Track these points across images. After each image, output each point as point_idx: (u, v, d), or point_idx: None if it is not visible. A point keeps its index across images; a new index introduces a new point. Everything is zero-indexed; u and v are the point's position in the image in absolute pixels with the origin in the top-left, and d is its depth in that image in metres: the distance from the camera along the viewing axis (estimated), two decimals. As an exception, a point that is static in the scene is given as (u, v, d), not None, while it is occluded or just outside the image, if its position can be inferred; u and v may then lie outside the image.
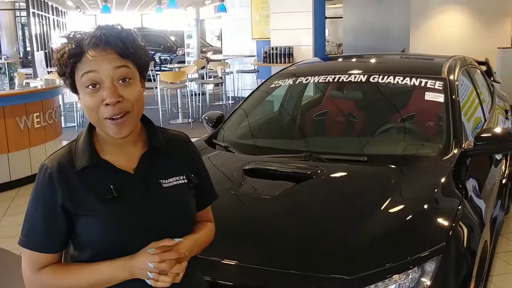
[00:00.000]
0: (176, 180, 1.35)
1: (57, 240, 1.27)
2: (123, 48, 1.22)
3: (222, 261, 1.99)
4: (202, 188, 1.45)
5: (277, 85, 3.48)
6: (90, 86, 1.21)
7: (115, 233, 1.25)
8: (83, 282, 1.25)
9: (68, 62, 1.21)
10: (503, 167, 3.95)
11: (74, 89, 1.26)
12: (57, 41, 21.02)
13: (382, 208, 2.20)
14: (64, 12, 25.70)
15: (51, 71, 12.54)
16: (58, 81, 7.27)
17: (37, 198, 1.27)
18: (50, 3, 20.41)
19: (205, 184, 1.48)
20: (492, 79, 4.64)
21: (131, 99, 1.23)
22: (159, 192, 1.31)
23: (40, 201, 1.26)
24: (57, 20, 23.43)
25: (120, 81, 1.22)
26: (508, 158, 4.25)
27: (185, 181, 1.37)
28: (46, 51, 18.87)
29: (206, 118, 3.53)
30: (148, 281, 1.22)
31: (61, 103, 7.39)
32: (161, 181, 1.32)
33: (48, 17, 20.32)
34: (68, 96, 10.51)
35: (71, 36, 1.23)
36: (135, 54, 1.25)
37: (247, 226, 2.23)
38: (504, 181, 3.97)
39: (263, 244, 2.11)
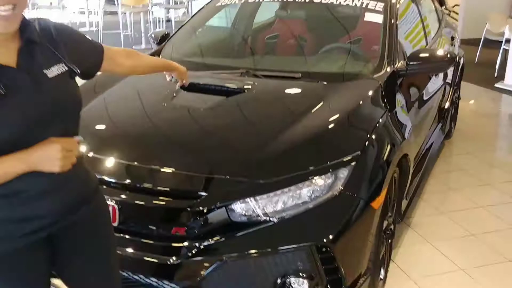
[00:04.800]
0: (57, 69, 1.36)
1: None
2: None
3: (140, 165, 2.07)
4: (89, 52, 1.52)
5: (223, 3, 3.47)
6: None
7: (9, 129, 1.25)
8: None
9: None
10: (447, 93, 4.06)
11: None
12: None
13: (304, 118, 2.28)
14: None
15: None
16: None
17: None
18: None
19: (89, 48, 1.53)
20: (444, 7, 4.68)
21: None
22: (47, 83, 1.32)
23: None
24: None
25: None
26: (454, 85, 4.37)
27: (66, 68, 1.39)
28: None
29: (153, 36, 3.54)
30: (53, 168, 1.28)
31: None
32: (45, 71, 1.33)
33: None
34: None
35: None
36: None
37: (170, 133, 2.31)
38: (447, 105, 4.10)
39: (185, 150, 2.20)
